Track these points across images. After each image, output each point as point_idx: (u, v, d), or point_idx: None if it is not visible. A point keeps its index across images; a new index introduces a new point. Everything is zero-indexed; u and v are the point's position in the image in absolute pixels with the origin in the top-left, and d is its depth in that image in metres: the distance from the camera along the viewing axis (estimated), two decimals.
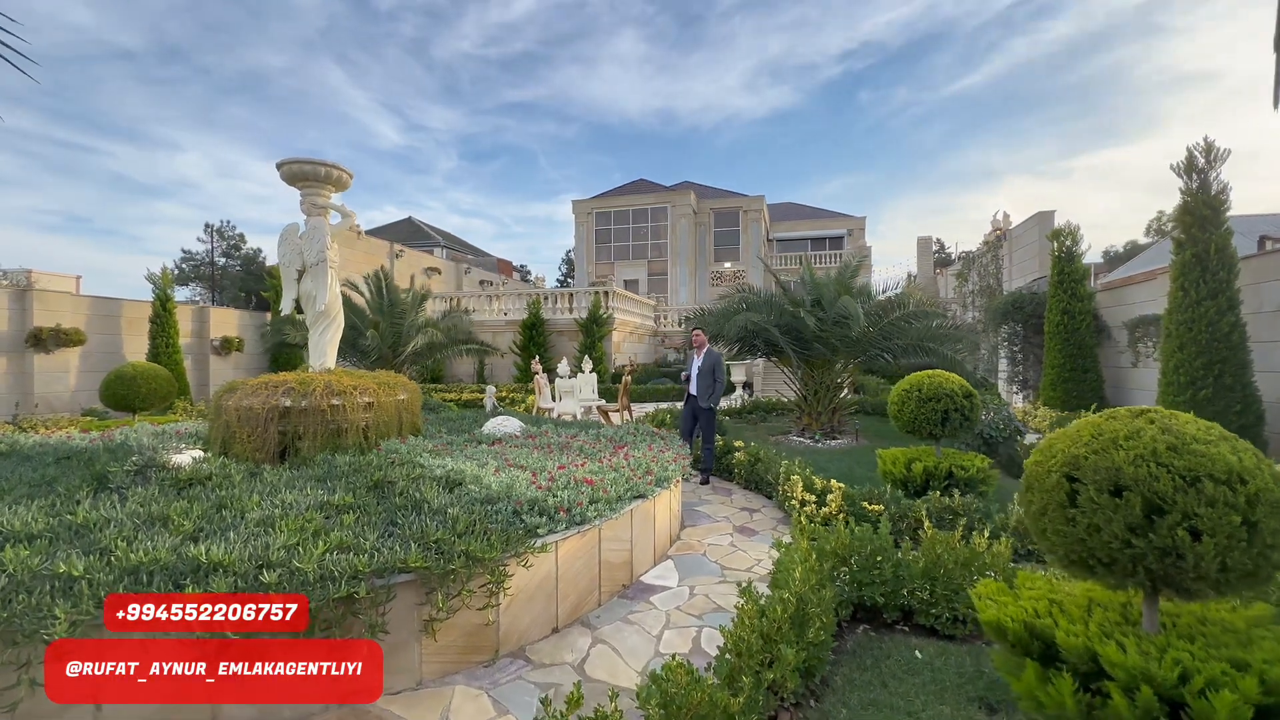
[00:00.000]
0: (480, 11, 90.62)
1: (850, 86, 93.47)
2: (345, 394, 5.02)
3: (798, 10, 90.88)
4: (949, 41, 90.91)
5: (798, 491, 5.09)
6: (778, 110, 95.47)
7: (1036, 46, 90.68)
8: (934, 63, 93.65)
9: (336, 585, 2.51)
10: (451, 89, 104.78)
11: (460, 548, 2.87)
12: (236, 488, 3.72)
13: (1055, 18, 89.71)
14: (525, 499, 3.45)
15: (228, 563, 2.55)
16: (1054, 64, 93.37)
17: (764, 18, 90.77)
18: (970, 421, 5.55)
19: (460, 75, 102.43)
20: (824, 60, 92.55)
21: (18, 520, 2.97)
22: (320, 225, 5.47)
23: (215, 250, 34.37)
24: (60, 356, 11.32)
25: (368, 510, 3.40)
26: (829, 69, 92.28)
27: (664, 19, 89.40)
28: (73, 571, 2.44)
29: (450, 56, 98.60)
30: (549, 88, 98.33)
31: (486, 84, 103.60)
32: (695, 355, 7.57)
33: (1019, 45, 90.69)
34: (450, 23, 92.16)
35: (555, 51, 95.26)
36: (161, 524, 3.03)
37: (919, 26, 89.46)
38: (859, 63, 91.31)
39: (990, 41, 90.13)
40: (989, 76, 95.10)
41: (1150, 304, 9.84)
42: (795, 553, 3.32)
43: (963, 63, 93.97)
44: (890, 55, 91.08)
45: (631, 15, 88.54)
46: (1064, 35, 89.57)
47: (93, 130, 64.62)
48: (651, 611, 3.64)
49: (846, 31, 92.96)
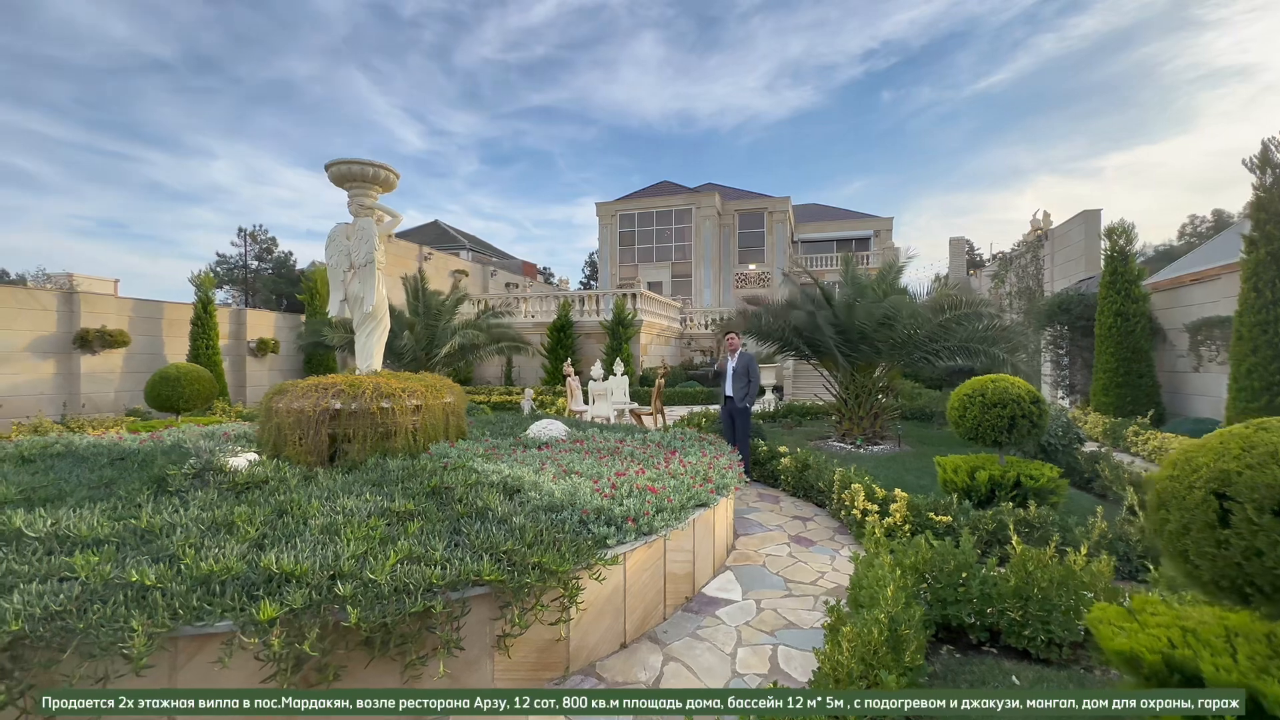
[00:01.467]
0: (500, 16, 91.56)
1: (872, 86, 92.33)
2: (394, 396, 4.96)
3: (818, 10, 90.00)
4: (973, 40, 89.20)
5: (859, 501, 4.88)
6: (798, 111, 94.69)
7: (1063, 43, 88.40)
8: (957, 61, 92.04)
9: (412, 599, 2.39)
10: (472, 94, 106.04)
11: (533, 559, 2.74)
12: (294, 492, 3.65)
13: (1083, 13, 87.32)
14: (591, 508, 3.32)
15: (300, 573, 2.45)
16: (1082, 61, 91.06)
17: (783, 18, 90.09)
18: (1038, 428, 5.28)
19: (481, 80, 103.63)
20: (845, 60, 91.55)
21: (84, 525, 2.92)
22: (368, 226, 5.42)
23: (248, 254, 35.16)
24: (105, 358, 11.56)
25: (429, 517, 3.30)
26: (850, 69, 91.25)
27: (683, 21, 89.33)
28: (145, 581, 2.37)
29: (471, 62, 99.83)
30: (569, 91, 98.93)
31: (507, 88, 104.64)
32: (729, 357, 7.52)
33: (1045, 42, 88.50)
34: (471, 29, 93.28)
35: (575, 55, 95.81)
36: (226, 530, 2.95)
37: (941, 25, 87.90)
38: (881, 62, 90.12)
39: (1015, 39, 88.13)
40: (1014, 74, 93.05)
41: (1213, 305, 9.38)
42: (880, 569, 3.12)
43: (987, 61, 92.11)
44: (912, 54, 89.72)
45: (650, 18, 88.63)
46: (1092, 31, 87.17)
47: (131, 139, 66.86)
48: (720, 627, 3.47)
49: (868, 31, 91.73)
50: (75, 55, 56.32)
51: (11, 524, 2.91)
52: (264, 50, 76.56)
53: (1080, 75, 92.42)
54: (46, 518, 3.01)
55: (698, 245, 35.12)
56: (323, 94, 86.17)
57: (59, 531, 2.90)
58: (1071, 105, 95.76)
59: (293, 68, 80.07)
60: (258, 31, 75.30)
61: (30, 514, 3.09)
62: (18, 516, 2.98)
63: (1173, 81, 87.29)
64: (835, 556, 4.69)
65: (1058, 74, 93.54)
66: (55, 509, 3.29)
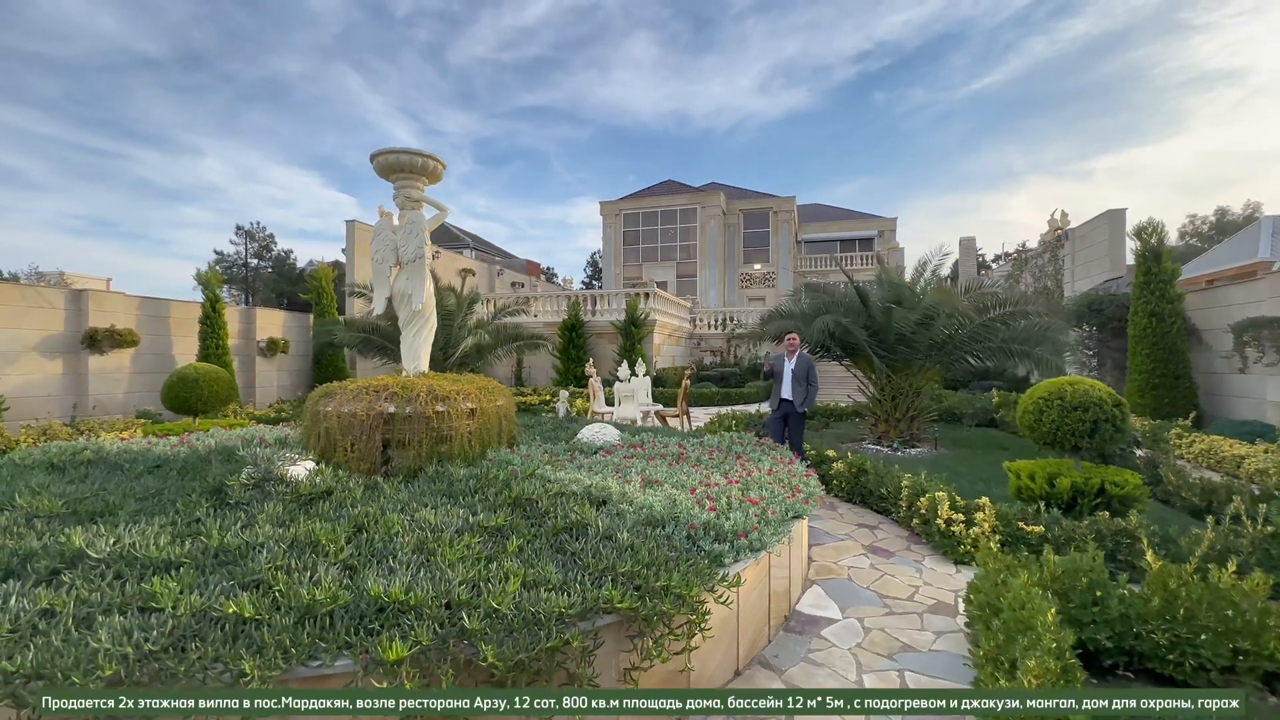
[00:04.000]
0: (494, 16, 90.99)
1: (865, 88, 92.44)
2: (449, 399, 4.67)
3: (811, 11, 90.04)
4: (966, 41, 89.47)
5: (943, 511, 4.63)
6: (793, 112, 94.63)
7: (1055, 45, 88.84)
8: (951, 63, 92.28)
9: (545, 631, 2.12)
10: (466, 93, 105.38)
11: (659, 583, 2.47)
12: (365, 504, 3.37)
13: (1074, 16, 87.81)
14: (699, 522, 3.05)
15: (416, 602, 2.18)
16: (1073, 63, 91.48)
17: (777, 19, 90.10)
18: (1121, 432, 5.05)
19: (475, 80, 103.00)
20: (839, 61, 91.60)
21: (153, 545, 2.62)
22: (418, 220, 5.14)
23: (248, 252, 34.59)
24: (114, 357, 11.17)
25: (521, 534, 3.03)
26: (844, 70, 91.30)
27: (677, 22, 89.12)
28: (244, 612, 2.08)
29: (465, 61, 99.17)
30: (563, 91, 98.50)
31: (501, 88, 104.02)
32: (787, 359, 7.30)
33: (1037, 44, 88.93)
34: (465, 28, 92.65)
35: (569, 55, 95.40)
36: (311, 549, 2.67)
37: (935, 27, 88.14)
38: (874, 63, 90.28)
39: (1008, 41, 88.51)
40: (1007, 76, 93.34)
41: (1256, 305, 9.21)
42: (1018, 588, 2.87)
43: (980, 62, 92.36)
44: (906, 56, 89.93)
45: (645, 18, 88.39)
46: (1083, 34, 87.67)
47: (120, 136, 65.65)
48: (833, 650, 3.21)
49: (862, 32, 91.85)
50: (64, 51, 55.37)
51: (71, 543, 2.62)
52: (255, 48, 75.60)
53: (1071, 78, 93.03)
54: (107, 535, 2.72)
55: (703, 245, 34.88)
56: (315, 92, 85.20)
57: (124, 551, 2.61)
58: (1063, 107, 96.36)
59: (284, 66, 79.11)
60: (249, 29, 74.36)
61: (87, 531, 2.80)
62: (76, 535, 2.69)
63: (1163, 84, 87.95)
64: (920, 569, 4.44)
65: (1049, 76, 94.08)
66: (109, 524, 3.00)
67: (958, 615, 3.65)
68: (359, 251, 17.93)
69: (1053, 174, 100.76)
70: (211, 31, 69.61)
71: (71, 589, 2.30)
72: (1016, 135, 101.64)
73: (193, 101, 72.59)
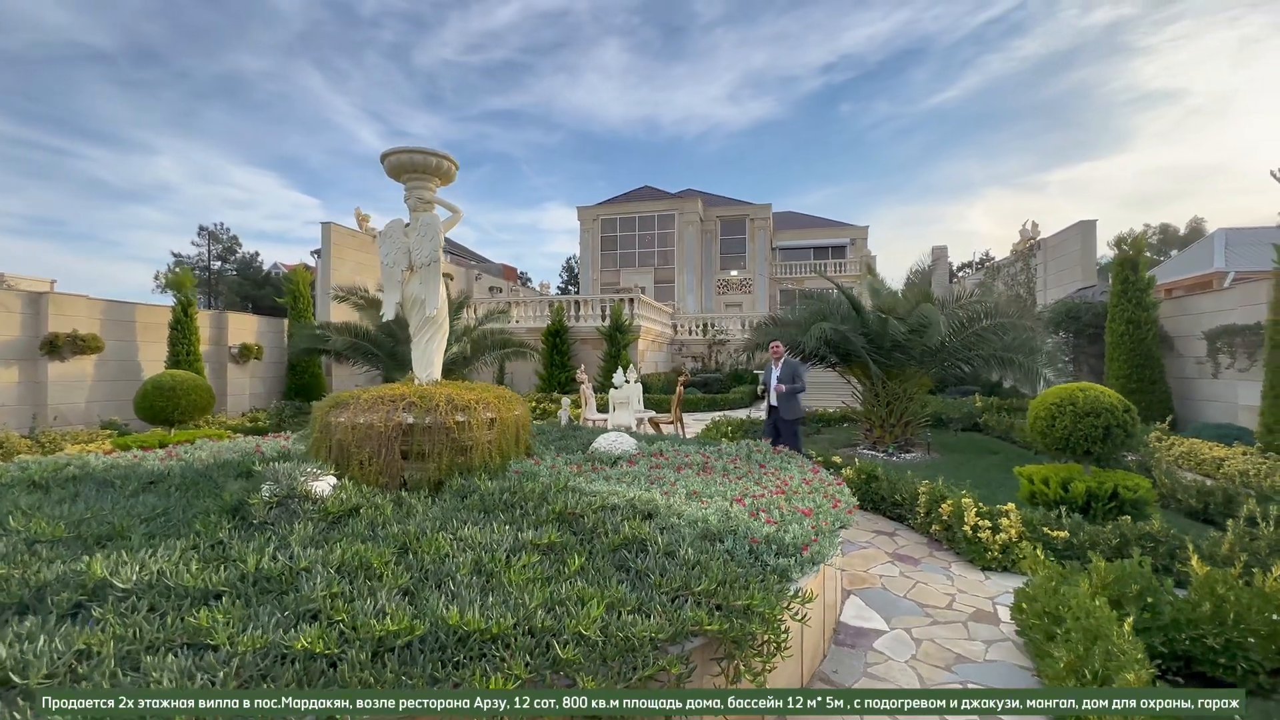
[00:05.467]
0: (462, 19, 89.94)
1: (832, 99, 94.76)
2: (469, 409, 4.49)
3: (779, 23, 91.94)
4: (926, 57, 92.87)
5: (970, 517, 4.66)
6: (761, 121, 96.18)
7: (1009, 63, 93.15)
8: (912, 78, 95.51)
9: (642, 657, 2.00)
10: (434, 96, 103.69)
11: (740, 601, 2.38)
12: (397, 522, 3.18)
13: (1026, 36, 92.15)
14: (760, 536, 2.96)
15: (498, 631, 2.03)
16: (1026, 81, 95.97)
17: (746, 30, 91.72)
18: (1132, 437, 5.19)
19: (442, 82, 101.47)
20: (806, 73, 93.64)
21: (186, 573, 2.40)
22: (433, 222, 4.95)
23: (210, 254, 33.19)
24: (76, 364, 10.51)
25: (573, 550, 2.90)
26: (811, 81, 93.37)
27: (648, 30, 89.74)
28: (314, 648, 1.91)
29: (432, 63, 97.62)
30: (533, 95, 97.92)
31: (469, 91, 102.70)
32: (774, 366, 7.38)
33: (993, 62, 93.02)
34: (432, 29, 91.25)
35: (538, 60, 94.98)
36: (364, 573, 2.48)
37: (897, 43, 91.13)
38: (840, 76, 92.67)
39: (965, 58, 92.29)
40: (965, 92, 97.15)
41: (1225, 314, 9.65)
42: (1082, 596, 2.87)
43: (940, 78, 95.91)
44: (870, 70, 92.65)
45: (615, 25, 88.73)
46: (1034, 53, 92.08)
47: (67, 133, 62.11)
48: (890, 663, 3.16)
49: (828, 45, 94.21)
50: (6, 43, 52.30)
51: (92, 573, 2.38)
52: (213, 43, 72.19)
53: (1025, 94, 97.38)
54: (131, 563, 2.48)
55: (680, 251, 35.01)
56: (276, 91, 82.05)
57: (152, 580, 2.38)
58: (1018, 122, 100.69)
59: (244, 63, 75.89)
60: (206, 24, 71.00)
61: (101, 557, 2.55)
62: (96, 563, 2.44)
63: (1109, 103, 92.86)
64: (950, 576, 4.45)
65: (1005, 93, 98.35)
66: (123, 549, 2.75)
67: (1000, 623, 3.65)
68: (335, 254, 17.39)
69: (1009, 186, 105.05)
70: (166, 26, 66.64)
71: (104, 625, 2.08)
72: (975, 148, 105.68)
73: (146, 97, 69.31)
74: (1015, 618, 3.41)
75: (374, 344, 11.36)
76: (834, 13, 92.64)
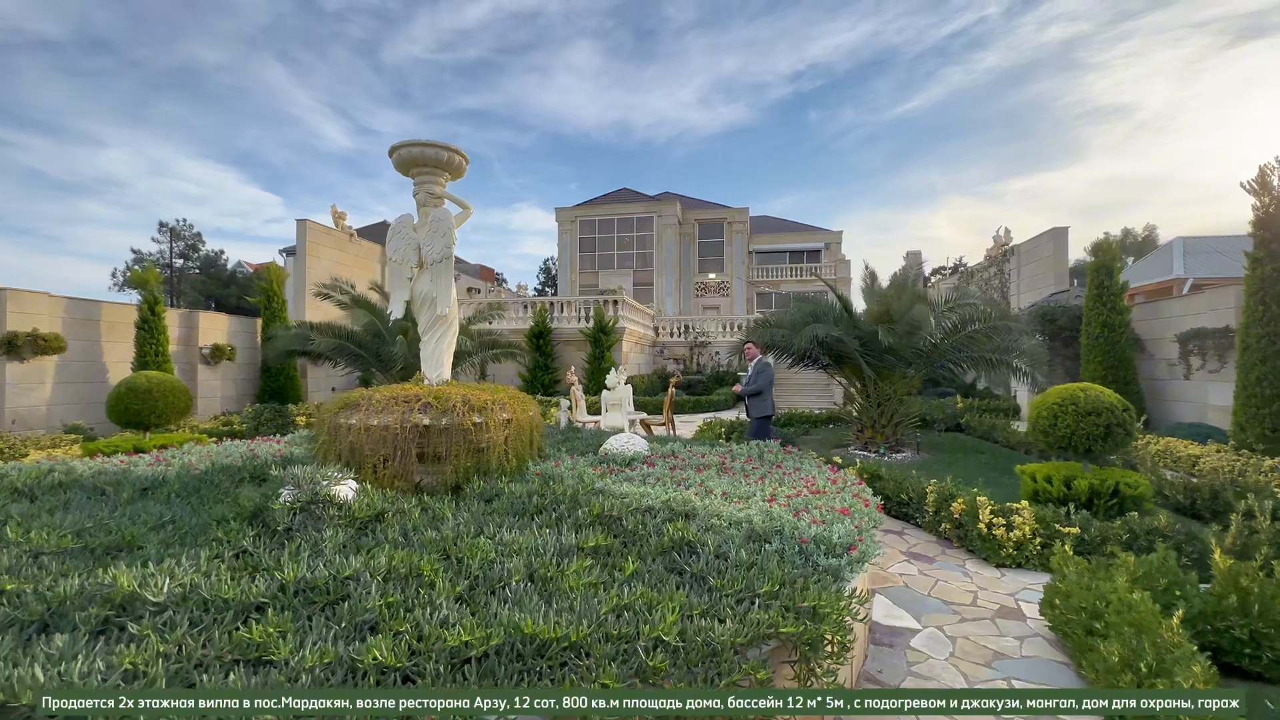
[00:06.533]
0: (431, 16, 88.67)
1: (800, 106, 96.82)
2: (485, 410, 4.36)
3: (749, 30, 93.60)
4: (891, 67, 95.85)
5: (985, 515, 4.73)
6: (732, 126, 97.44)
7: (970, 76, 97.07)
8: (877, 87, 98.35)
9: (726, 662, 1.95)
10: (402, 93, 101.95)
11: (806, 603, 2.34)
12: (430, 527, 3.06)
13: (985, 50, 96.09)
14: (809, 536, 2.94)
15: (577, 638, 1.95)
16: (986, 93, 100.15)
17: (717, 36, 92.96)
18: (1131, 436, 5.36)
19: (411, 79, 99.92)
20: (775, 80, 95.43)
21: (224, 585, 2.25)
22: (444, 217, 4.80)
23: (172, 251, 31.78)
24: (36, 365, 9.90)
25: (615, 553, 2.83)
26: (780, 89, 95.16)
27: (620, 33, 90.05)
28: (387, 661, 1.79)
29: (401, 60, 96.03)
30: (504, 95, 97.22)
31: (439, 89, 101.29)
32: (750, 368, 7.64)
33: (954, 74, 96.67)
34: (400, 26, 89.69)
35: (510, 59, 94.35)
36: (415, 581, 2.36)
37: (863, 53, 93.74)
38: (808, 84, 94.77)
39: (928, 70, 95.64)
40: (928, 102, 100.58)
41: (1194, 318, 10.09)
42: (1121, 591, 2.92)
43: (904, 88, 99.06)
44: (837, 78, 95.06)
45: (587, 27, 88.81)
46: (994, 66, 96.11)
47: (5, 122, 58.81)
48: (931, 661, 3.17)
49: (796, 53, 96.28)
50: None
51: (120, 586, 2.20)
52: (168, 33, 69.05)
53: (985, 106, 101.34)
54: (161, 575, 2.31)
55: (659, 253, 35.07)
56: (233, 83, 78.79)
57: (186, 593, 2.22)
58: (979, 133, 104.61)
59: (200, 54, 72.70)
60: (159, 13, 68.01)
61: (128, 570, 2.37)
62: (122, 575, 2.27)
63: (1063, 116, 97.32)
64: (967, 573, 4.51)
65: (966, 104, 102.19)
66: (139, 561, 2.57)
67: (1027, 620, 3.70)
68: (311, 252, 16.86)
69: (970, 194, 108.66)
70: (118, 14, 63.82)
71: (143, 642, 1.92)
72: (938, 157, 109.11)
73: (95, 87, 65.92)
74: (1045, 614, 3.46)
75: (359, 345, 11.03)
76: (803, 21, 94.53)
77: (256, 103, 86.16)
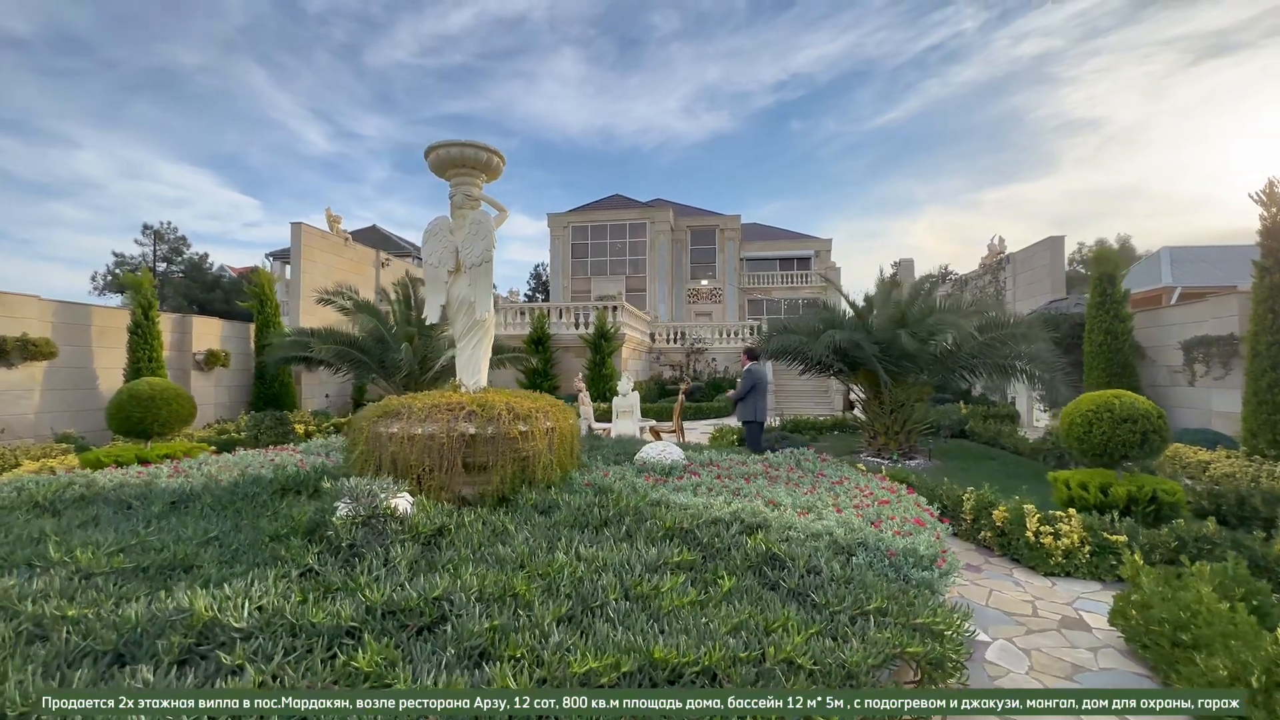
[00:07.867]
0: (415, 22, 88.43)
1: (783, 115, 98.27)
2: (530, 418, 4.23)
3: (733, 41, 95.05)
4: (871, 79, 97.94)
5: (1032, 523, 4.69)
6: (716, 134, 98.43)
7: (947, 88, 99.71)
8: (858, 98, 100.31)
9: (863, 684, 1.84)
10: (385, 97, 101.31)
11: (920, 620, 2.25)
12: (500, 542, 2.92)
13: (963, 63, 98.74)
14: (897, 549, 2.85)
15: (709, 663, 1.83)
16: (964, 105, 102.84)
17: (701, 45, 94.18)
18: (1165, 442, 5.37)
19: (394, 84, 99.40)
20: (759, 89, 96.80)
21: (312, 609, 2.09)
22: (484, 220, 4.67)
23: (155, 255, 30.95)
24: (25, 371, 9.51)
25: (697, 567, 2.72)
26: (763, 98, 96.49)
27: (604, 41, 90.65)
28: (524, 688, 1.66)
29: (384, 64, 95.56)
30: (489, 101, 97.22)
31: (423, 94, 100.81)
32: None
33: (932, 86, 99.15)
34: (383, 31, 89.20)
35: (494, 66, 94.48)
36: (513, 602, 2.23)
37: (845, 64, 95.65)
38: (791, 94, 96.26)
39: (908, 82, 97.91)
40: (908, 113, 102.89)
41: (1196, 326, 10.25)
42: (1210, 600, 2.87)
43: (884, 99, 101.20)
44: (819, 89, 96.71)
45: (572, 35, 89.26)
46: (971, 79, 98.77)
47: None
48: (1012, 675, 3.09)
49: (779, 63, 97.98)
50: None
51: (197, 611, 2.04)
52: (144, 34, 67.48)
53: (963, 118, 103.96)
54: (237, 599, 2.15)
55: (652, 260, 35.06)
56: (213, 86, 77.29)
57: (269, 619, 2.07)
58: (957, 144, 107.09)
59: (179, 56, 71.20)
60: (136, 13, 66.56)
61: (202, 593, 2.21)
62: (199, 600, 2.10)
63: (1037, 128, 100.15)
64: (1018, 583, 4.46)
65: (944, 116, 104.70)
66: (202, 582, 2.40)
67: (1092, 630, 3.65)
68: (306, 256, 16.53)
69: (949, 204, 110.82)
70: (92, 13, 62.27)
71: (240, 673, 1.77)
72: (918, 167, 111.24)
73: (68, 87, 64.02)
74: (1117, 624, 3.41)
75: (363, 351, 10.78)
76: (785, 33, 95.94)
77: (237, 106, 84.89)
